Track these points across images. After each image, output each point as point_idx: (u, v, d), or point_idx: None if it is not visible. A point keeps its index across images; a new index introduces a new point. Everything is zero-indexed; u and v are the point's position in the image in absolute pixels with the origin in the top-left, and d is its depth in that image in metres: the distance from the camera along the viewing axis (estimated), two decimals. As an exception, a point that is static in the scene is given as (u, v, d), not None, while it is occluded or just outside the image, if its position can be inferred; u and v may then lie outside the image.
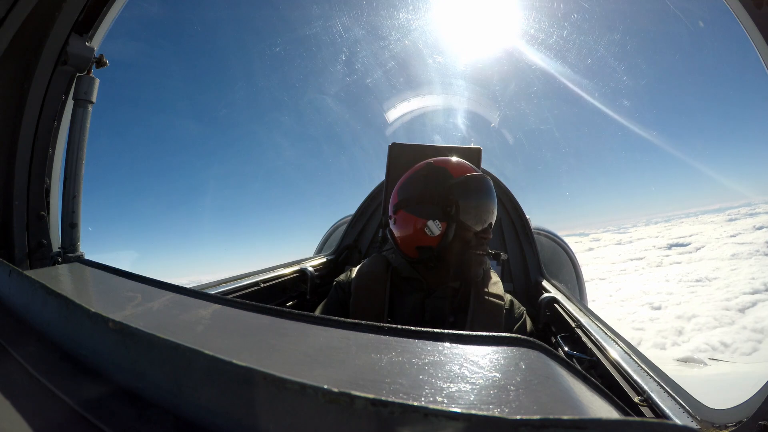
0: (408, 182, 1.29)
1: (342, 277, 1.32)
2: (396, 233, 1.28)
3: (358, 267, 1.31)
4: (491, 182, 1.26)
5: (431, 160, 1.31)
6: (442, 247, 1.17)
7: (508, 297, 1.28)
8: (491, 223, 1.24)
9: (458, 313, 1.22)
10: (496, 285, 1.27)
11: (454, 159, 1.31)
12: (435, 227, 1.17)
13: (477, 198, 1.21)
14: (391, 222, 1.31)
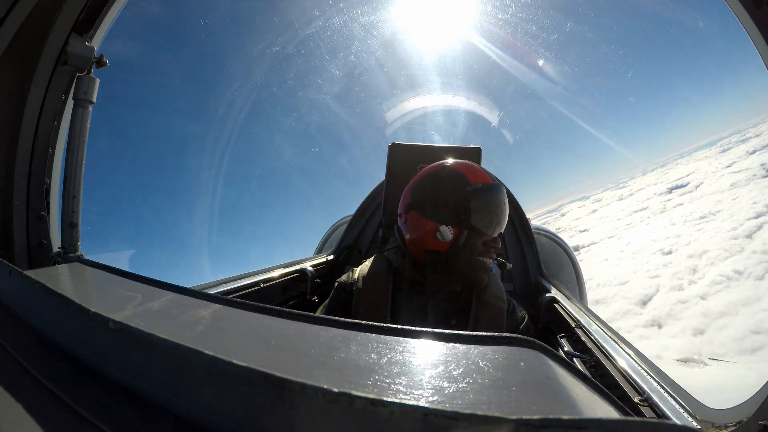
0: (422, 183, 1.26)
1: (344, 277, 1.31)
2: (405, 234, 1.27)
3: (359, 268, 1.31)
4: (505, 191, 1.24)
5: (447, 163, 1.29)
6: (451, 252, 1.17)
7: (509, 300, 1.29)
8: (501, 233, 1.23)
9: (460, 316, 1.22)
10: (497, 288, 1.27)
11: (471, 164, 1.29)
12: (447, 232, 1.16)
13: (492, 207, 1.19)
14: (400, 221, 1.30)
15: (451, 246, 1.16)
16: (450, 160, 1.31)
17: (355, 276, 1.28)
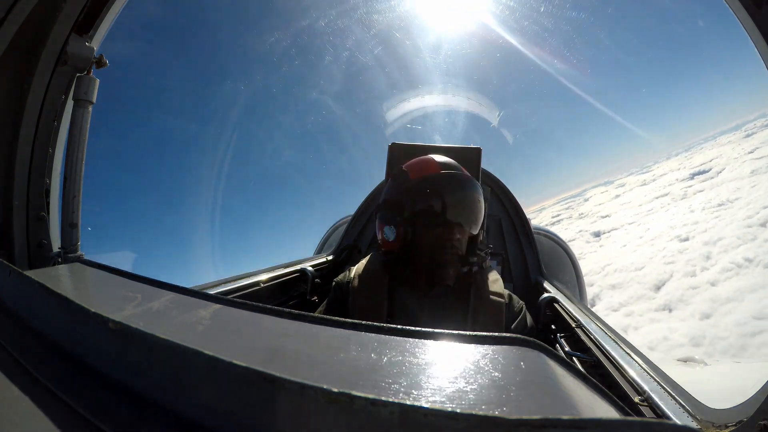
0: (385, 187, 1.34)
1: (340, 277, 1.31)
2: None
3: (356, 266, 1.31)
4: (458, 178, 1.20)
5: (408, 162, 1.31)
6: (407, 249, 1.19)
7: (506, 292, 1.28)
8: (461, 223, 1.18)
9: (458, 311, 1.22)
10: (495, 282, 1.27)
11: (422, 159, 1.27)
12: (390, 233, 1.20)
13: (431, 198, 1.17)
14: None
15: (399, 244, 1.19)
16: (412, 160, 1.32)
17: (351, 275, 1.27)
